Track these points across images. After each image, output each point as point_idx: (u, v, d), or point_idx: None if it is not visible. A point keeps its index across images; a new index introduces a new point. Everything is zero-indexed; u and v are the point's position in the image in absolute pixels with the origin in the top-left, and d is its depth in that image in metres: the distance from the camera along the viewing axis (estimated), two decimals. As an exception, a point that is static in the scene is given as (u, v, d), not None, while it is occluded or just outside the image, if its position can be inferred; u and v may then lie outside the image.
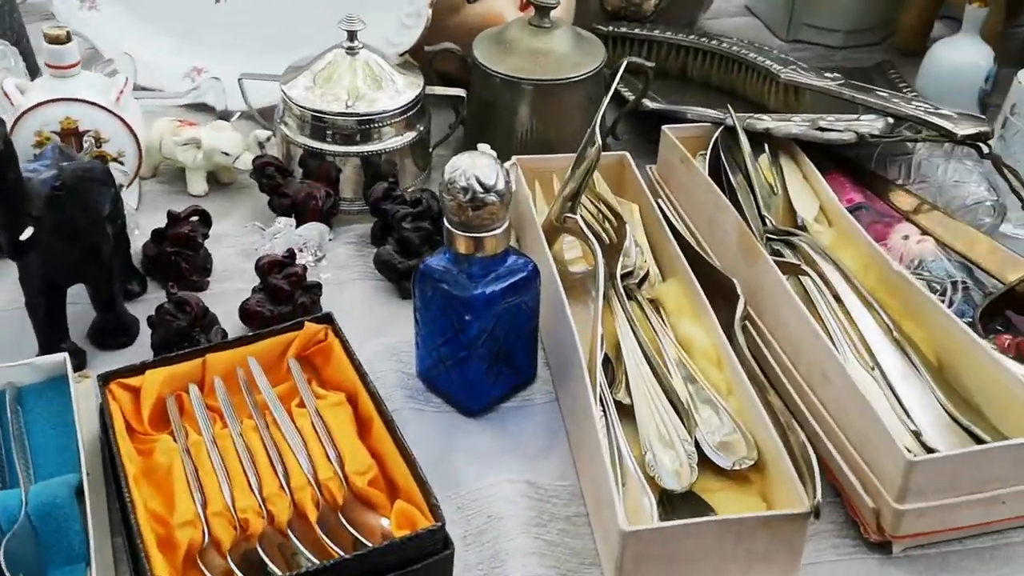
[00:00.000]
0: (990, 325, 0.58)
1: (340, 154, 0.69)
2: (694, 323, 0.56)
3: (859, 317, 0.54)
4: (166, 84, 0.84)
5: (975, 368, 0.50)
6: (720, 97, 0.90)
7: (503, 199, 0.48)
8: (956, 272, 0.61)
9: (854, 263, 0.60)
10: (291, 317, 0.58)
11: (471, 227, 0.48)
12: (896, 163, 0.72)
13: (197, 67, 0.85)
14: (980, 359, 0.50)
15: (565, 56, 0.73)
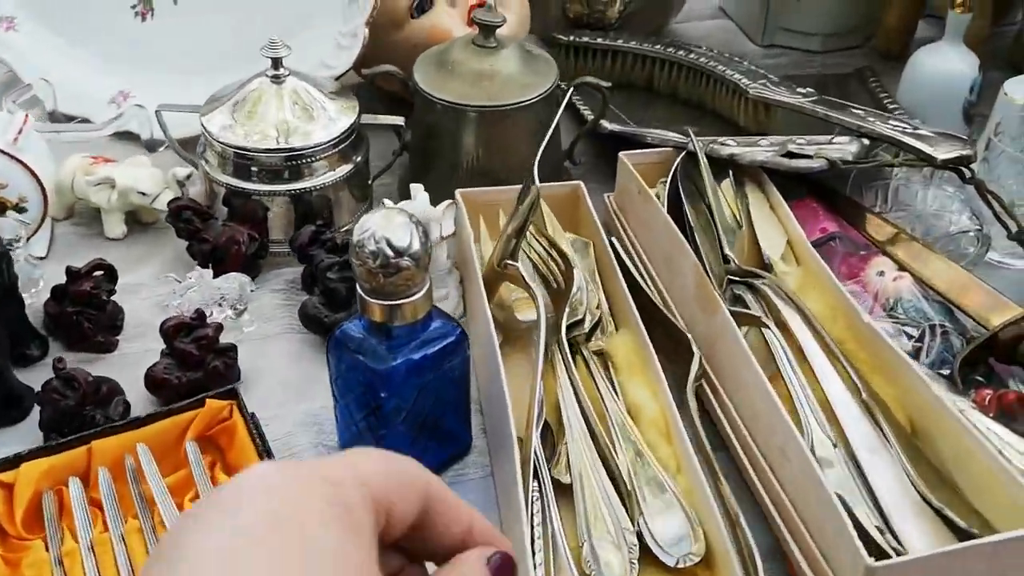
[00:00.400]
0: (970, 376, 0.53)
1: (266, 193, 0.64)
2: (643, 384, 0.50)
3: (824, 376, 0.49)
4: (91, 111, 0.78)
5: (948, 436, 0.45)
6: (689, 112, 0.85)
7: (419, 262, 0.42)
8: (935, 315, 0.56)
9: (822, 308, 0.55)
10: (202, 384, 0.53)
11: (385, 294, 0.43)
12: (873, 188, 0.66)
13: (123, 91, 0.79)
14: (953, 429, 0.44)
15: (512, 78, 0.67)
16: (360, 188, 0.69)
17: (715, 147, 0.66)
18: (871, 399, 0.47)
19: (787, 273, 0.58)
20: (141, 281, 0.63)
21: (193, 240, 0.62)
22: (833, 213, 0.67)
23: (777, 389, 0.49)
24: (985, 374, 0.53)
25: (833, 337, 0.53)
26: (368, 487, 0.24)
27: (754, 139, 0.68)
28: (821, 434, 0.46)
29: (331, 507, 0.23)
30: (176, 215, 0.61)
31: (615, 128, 0.74)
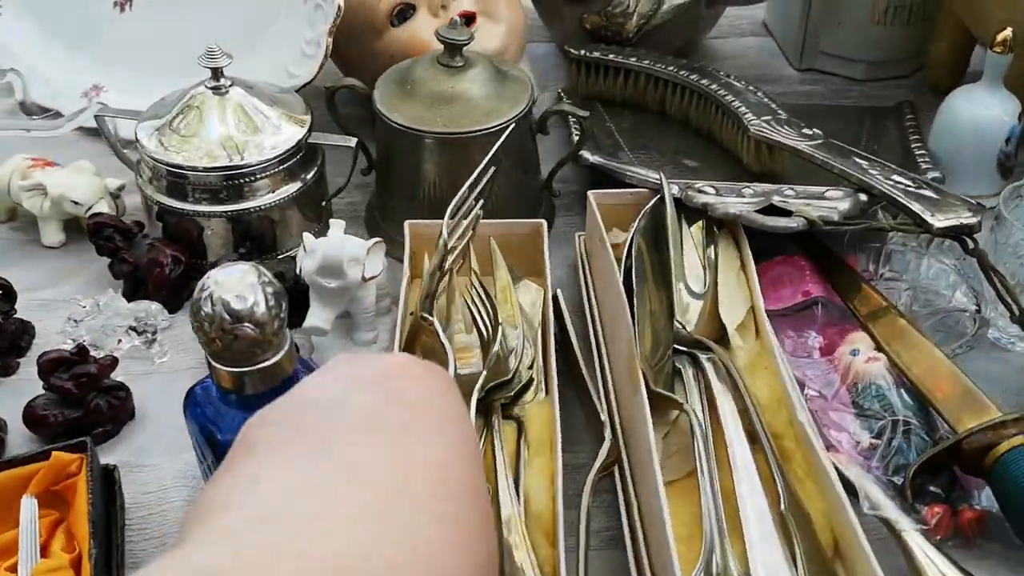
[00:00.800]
0: (926, 487, 0.45)
1: (202, 214, 0.60)
2: (542, 469, 0.45)
3: (743, 479, 0.42)
4: (63, 103, 0.77)
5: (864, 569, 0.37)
6: (699, 143, 0.77)
7: (264, 329, 0.37)
8: (902, 407, 0.48)
9: (768, 394, 0.48)
10: (82, 424, 0.49)
11: (231, 360, 0.38)
12: (866, 251, 0.58)
13: (97, 85, 0.77)
14: (863, 568, 0.37)
15: (474, 103, 0.62)
16: (312, 208, 0.65)
17: (691, 193, 0.59)
18: (791, 513, 0.41)
19: (740, 348, 0.51)
20: (62, 297, 0.61)
21: (114, 259, 0.59)
22: (821, 275, 0.59)
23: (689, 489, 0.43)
24: (946, 485, 0.45)
25: (772, 431, 0.46)
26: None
27: (738, 186, 0.60)
28: (718, 556, 0.39)
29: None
30: (96, 232, 0.58)
31: (596, 161, 0.68)
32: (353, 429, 0.25)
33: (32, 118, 0.79)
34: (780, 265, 0.60)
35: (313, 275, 0.51)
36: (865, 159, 0.61)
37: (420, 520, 0.22)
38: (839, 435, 0.47)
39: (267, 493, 0.23)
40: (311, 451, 0.24)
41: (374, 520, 0.22)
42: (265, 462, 0.24)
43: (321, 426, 0.25)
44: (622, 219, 0.62)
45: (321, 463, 0.23)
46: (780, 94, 0.88)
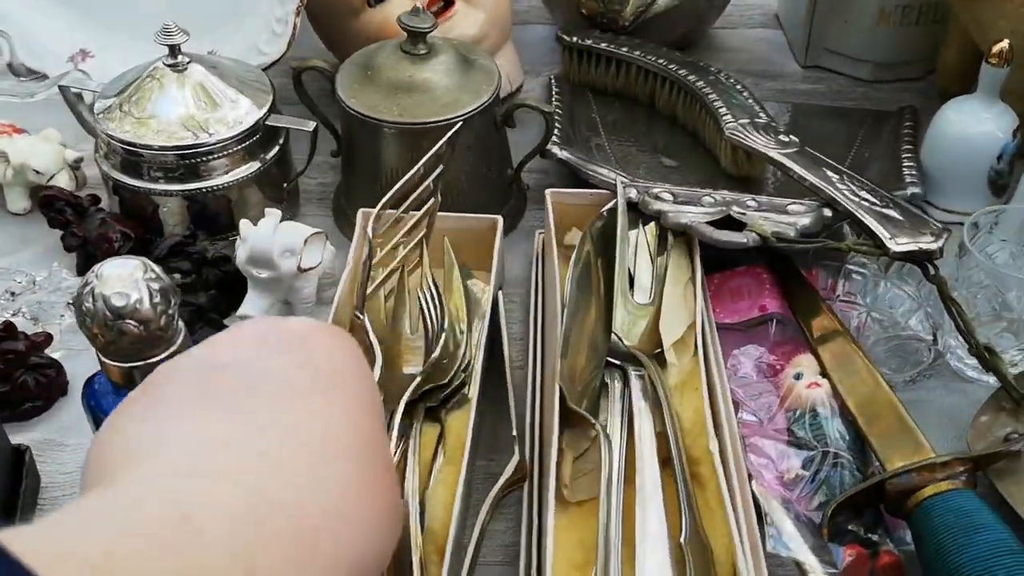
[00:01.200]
0: (847, 526, 0.43)
1: (158, 192, 0.60)
2: (447, 479, 0.44)
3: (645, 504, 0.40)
4: (50, 66, 0.77)
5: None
6: (685, 140, 0.75)
7: (148, 326, 0.37)
8: (836, 439, 0.46)
9: (694, 418, 0.46)
10: (11, 398, 0.50)
11: (118, 355, 0.38)
12: (827, 268, 0.56)
13: (84, 50, 0.77)
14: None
15: (434, 94, 0.60)
16: (272, 189, 0.64)
17: (647, 199, 0.57)
18: (690, 545, 0.39)
19: (675, 365, 0.49)
20: (16, 266, 0.61)
21: (65, 232, 0.59)
22: (780, 289, 0.57)
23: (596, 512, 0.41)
24: (870, 524, 0.43)
25: (691, 456, 0.44)
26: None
27: (699, 193, 0.58)
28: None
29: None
30: (46, 204, 0.58)
31: (563, 156, 0.66)
32: (266, 391, 0.25)
33: (19, 79, 0.79)
34: (741, 276, 0.58)
35: (244, 264, 0.50)
36: (836, 172, 0.58)
37: (334, 473, 0.24)
38: (763, 462, 0.45)
39: (187, 446, 0.24)
40: (226, 410, 0.25)
41: (294, 473, 0.23)
42: (178, 415, 0.25)
43: (236, 387, 0.25)
44: (583, 219, 0.60)
45: (238, 421, 0.24)
46: (781, 91, 0.85)
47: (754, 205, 0.56)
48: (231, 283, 0.57)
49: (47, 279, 0.55)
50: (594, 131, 0.76)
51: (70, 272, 0.59)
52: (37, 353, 0.50)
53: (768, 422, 0.48)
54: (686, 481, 0.42)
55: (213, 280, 0.56)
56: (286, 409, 0.25)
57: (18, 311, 0.54)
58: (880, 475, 0.43)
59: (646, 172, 0.69)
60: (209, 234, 0.60)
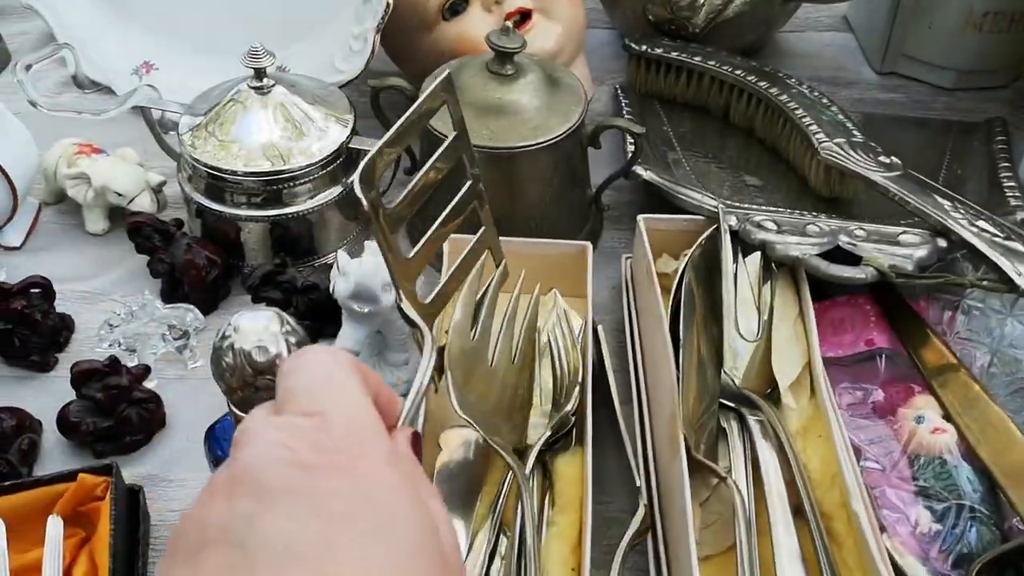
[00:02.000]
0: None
1: (243, 218, 0.59)
2: (564, 532, 0.42)
3: (784, 567, 0.39)
4: (114, 79, 0.76)
5: None
6: (764, 157, 0.73)
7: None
8: (970, 492, 0.45)
9: (820, 467, 0.44)
10: (114, 432, 0.49)
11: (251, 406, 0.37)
12: (940, 302, 0.54)
13: (148, 62, 0.75)
14: None
15: (523, 116, 0.58)
16: (352, 211, 0.63)
17: (749, 227, 0.55)
18: (838, 615, 0.38)
19: (793, 409, 0.48)
20: (104, 290, 0.60)
21: (152, 258, 0.57)
22: (888, 322, 0.55)
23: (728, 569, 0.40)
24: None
25: (822, 510, 0.43)
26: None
27: (803, 221, 0.56)
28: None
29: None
30: (135, 231, 0.57)
31: (650, 177, 0.64)
32: (267, 566, 0.21)
33: (84, 91, 0.78)
34: (843, 307, 0.56)
35: (345, 299, 0.49)
36: (948, 198, 0.56)
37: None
38: (895, 516, 0.43)
39: None
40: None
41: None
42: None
43: (230, 567, 0.21)
44: (673, 245, 0.58)
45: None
46: (856, 100, 0.83)
47: (863, 234, 0.54)
48: (321, 312, 0.55)
49: (142, 309, 0.54)
50: (668, 145, 0.74)
51: (155, 296, 0.58)
52: (138, 386, 0.49)
53: (892, 470, 0.46)
54: (824, 540, 0.40)
55: (303, 309, 0.55)
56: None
57: (115, 343, 0.53)
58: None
59: (730, 191, 0.67)
60: (292, 258, 0.59)
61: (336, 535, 0.21)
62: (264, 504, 0.22)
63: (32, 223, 0.64)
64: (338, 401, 0.24)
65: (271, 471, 0.22)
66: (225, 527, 0.22)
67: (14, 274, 0.59)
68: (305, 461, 0.23)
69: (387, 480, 0.23)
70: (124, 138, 0.68)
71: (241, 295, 0.60)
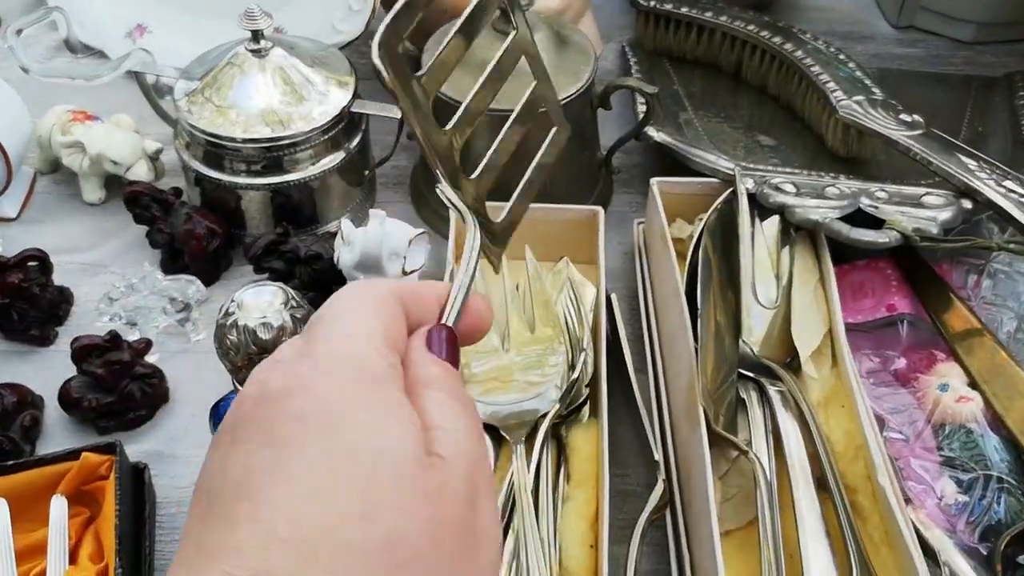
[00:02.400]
0: (1019, 558, 0.40)
1: (242, 186, 0.57)
2: (582, 508, 0.41)
3: (808, 539, 0.38)
4: (107, 43, 0.73)
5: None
6: (777, 115, 0.70)
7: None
8: (997, 462, 0.43)
9: (846, 441, 0.43)
10: (116, 408, 0.48)
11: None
12: (964, 265, 0.52)
13: (141, 24, 0.73)
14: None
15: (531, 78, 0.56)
16: (355, 176, 0.61)
17: (767, 191, 0.53)
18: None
19: (814, 379, 0.46)
20: (103, 261, 0.58)
21: (152, 228, 0.56)
22: (910, 286, 0.54)
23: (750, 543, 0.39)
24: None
25: (846, 484, 0.42)
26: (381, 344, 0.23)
27: (821, 183, 0.54)
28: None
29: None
30: (132, 201, 0.55)
31: (662, 139, 0.62)
32: (220, 507, 0.20)
33: (77, 56, 0.76)
34: (862, 271, 0.55)
35: (351, 269, 0.48)
36: (973, 158, 0.54)
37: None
38: (920, 488, 0.42)
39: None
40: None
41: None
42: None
43: (201, 518, 0.21)
44: (686, 209, 0.57)
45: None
46: (872, 55, 0.80)
47: (884, 196, 0.52)
48: (324, 282, 0.54)
49: (142, 281, 0.52)
50: (679, 105, 0.71)
51: (155, 267, 0.57)
52: (140, 361, 0.48)
53: (916, 440, 0.45)
54: (849, 514, 0.39)
55: (307, 279, 0.53)
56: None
57: (115, 316, 0.51)
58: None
59: (744, 152, 0.65)
60: (295, 227, 0.58)
61: (285, 463, 0.20)
62: (233, 444, 0.21)
63: (27, 193, 0.62)
64: (330, 329, 0.23)
65: (238, 409, 0.22)
66: (204, 474, 0.22)
67: (10, 246, 0.57)
68: (271, 390, 0.22)
69: (354, 399, 0.21)
70: (119, 104, 0.66)
71: (243, 265, 0.58)
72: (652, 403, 0.48)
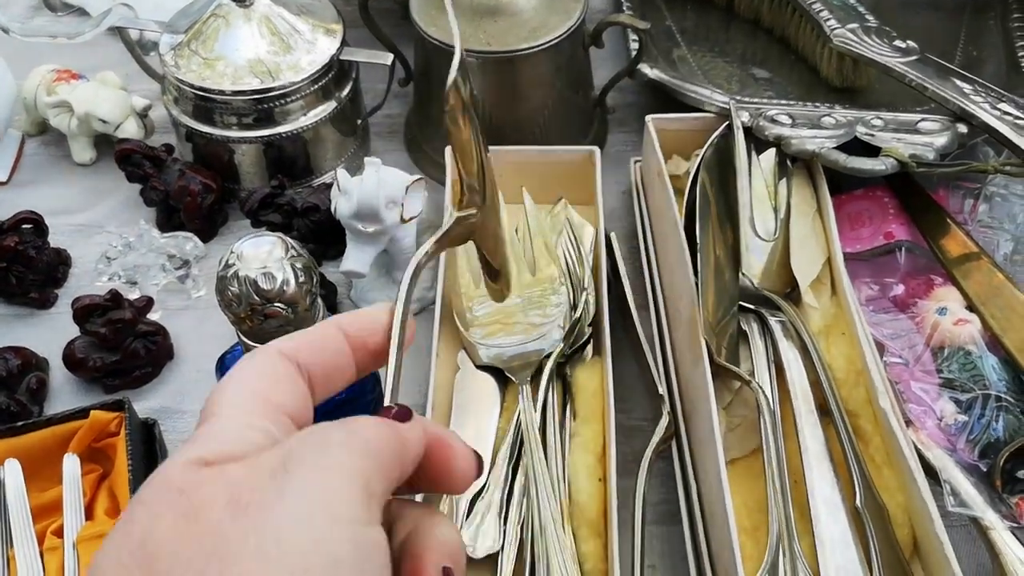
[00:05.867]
0: (1018, 473, 0.41)
1: (234, 140, 0.56)
2: (588, 443, 0.42)
3: (813, 466, 0.39)
4: (87, 0, 0.72)
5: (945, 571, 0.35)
6: (771, 48, 0.69)
7: (296, 308, 0.34)
8: (996, 380, 0.44)
9: (847, 367, 0.44)
10: (122, 366, 0.48)
11: (262, 337, 0.36)
12: (960, 190, 0.52)
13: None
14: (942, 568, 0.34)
15: (521, 17, 0.55)
16: (348, 125, 0.60)
17: (763, 123, 0.53)
18: (867, 507, 0.38)
19: (814, 308, 0.47)
20: (98, 222, 0.58)
21: (145, 186, 0.55)
22: (907, 213, 0.54)
23: (754, 471, 0.40)
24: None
25: (848, 409, 0.42)
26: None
27: (817, 113, 0.54)
28: (784, 559, 0.36)
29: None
30: (124, 159, 0.54)
31: (656, 76, 0.61)
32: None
33: (57, 14, 0.74)
34: (860, 200, 0.55)
35: (348, 219, 0.47)
36: (968, 81, 0.54)
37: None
38: (920, 409, 0.43)
39: None
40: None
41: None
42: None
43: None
44: (683, 145, 0.56)
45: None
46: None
47: (880, 124, 0.52)
48: (322, 234, 0.54)
49: (139, 239, 0.52)
50: (672, 41, 0.70)
51: (151, 225, 0.56)
52: (143, 319, 0.48)
53: (915, 364, 0.45)
54: (851, 437, 0.40)
55: (305, 232, 0.53)
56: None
57: (115, 275, 0.51)
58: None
59: (739, 86, 0.65)
60: (290, 180, 0.57)
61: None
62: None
63: (16, 156, 0.62)
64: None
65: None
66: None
67: (3, 210, 0.57)
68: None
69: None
70: (104, 61, 0.65)
71: (240, 220, 0.58)
72: (655, 339, 0.49)
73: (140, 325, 0.48)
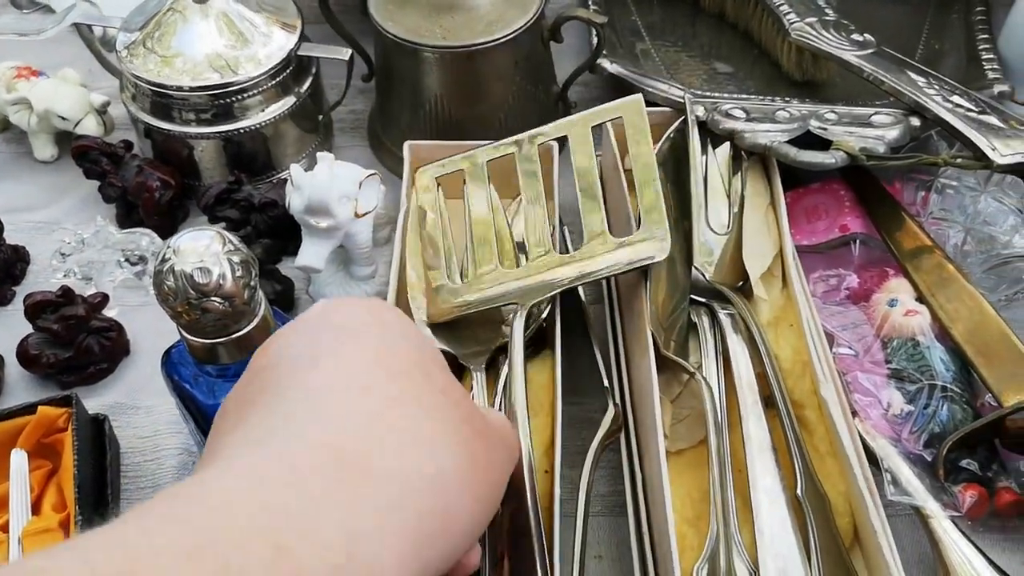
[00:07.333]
0: (961, 463, 0.42)
1: (193, 135, 0.56)
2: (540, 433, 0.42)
3: (755, 455, 0.39)
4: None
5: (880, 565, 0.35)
6: (735, 42, 0.70)
7: (233, 302, 0.34)
8: (943, 371, 0.44)
9: (793, 357, 0.44)
10: (76, 363, 0.48)
11: (200, 332, 0.36)
12: (913, 182, 0.53)
13: (91, -27, 0.71)
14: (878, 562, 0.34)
15: (479, 11, 0.56)
16: (309, 122, 0.61)
17: (717, 117, 0.53)
18: (808, 497, 0.38)
19: (764, 300, 0.47)
20: (57, 219, 0.58)
21: (103, 183, 0.55)
22: (863, 207, 0.54)
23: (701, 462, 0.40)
24: (984, 460, 0.42)
25: (794, 399, 0.42)
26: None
27: (773, 107, 0.54)
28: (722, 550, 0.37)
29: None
30: (81, 156, 0.54)
31: (616, 70, 0.61)
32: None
33: (23, 11, 0.74)
34: (816, 193, 0.55)
35: (301, 214, 0.47)
36: (922, 74, 0.54)
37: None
38: (867, 400, 0.43)
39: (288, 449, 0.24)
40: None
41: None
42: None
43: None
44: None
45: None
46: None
47: (834, 118, 0.52)
48: (280, 230, 0.54)
49: (95, 236, 0.52)
50: (637, 36, 0.71)
51: (110, 221, 0.56)
52: (97, 315, 0.48)
53: (865, 354, 0.46)
54: (795, 428, 0.40)
55: (263, 227, 0.53)
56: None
57: (70, 272, 0.51)
58: (999, 411, 0.41)
59: (701, 81, 0.65)
60: (250, 175, 0.57)
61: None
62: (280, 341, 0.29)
63: (-24, 154, 0.62)
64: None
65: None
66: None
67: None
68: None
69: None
70: (65, 59, 0.65)
71: (200, 217, 0.58)
72: (608, 333, 0.49)
73: (94, 321, 0.48)
